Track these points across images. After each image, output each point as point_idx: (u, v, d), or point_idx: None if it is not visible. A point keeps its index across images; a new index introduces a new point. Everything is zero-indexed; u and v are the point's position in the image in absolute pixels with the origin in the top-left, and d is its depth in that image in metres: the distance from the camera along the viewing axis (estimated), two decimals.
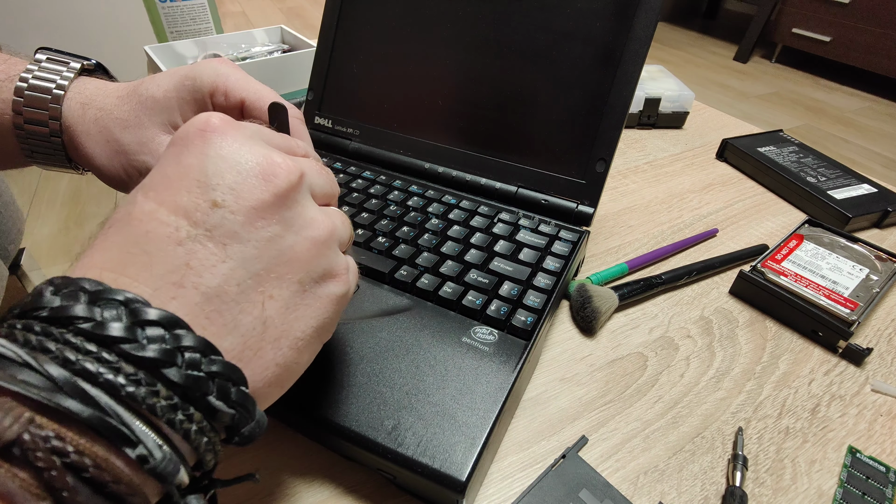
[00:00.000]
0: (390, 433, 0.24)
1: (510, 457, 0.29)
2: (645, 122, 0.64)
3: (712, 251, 0.45)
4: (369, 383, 0.26)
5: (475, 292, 0.32)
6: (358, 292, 0.31)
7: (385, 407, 0.25)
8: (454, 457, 0.24)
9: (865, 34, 2.14)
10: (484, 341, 0.29)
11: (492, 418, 0.25)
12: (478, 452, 0.24)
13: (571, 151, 0.38)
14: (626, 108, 0.37)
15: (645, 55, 0.36)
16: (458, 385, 0.27)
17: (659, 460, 0.29)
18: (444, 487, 0.23)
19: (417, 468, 0.23)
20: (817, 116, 2.10)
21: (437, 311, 0.31)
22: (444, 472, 0.23)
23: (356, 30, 0.45)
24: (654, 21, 0.35)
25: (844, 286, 0.38)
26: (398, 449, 0.24)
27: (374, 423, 0.25)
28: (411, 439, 0.24)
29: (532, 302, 0.32)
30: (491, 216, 0.39)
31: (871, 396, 0.33)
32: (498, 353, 0.29)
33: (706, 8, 3.31)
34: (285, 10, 1.12)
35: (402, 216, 0.38)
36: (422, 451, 0.24)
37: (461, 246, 0.36)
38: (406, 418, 0.25)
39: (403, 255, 0.35)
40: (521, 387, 0.30)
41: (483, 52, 0.41)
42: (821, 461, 0.30)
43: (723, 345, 0.36)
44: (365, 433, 0.24)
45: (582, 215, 0.38)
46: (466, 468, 0.23)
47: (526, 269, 0.34)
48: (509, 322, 0.30)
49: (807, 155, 0.56)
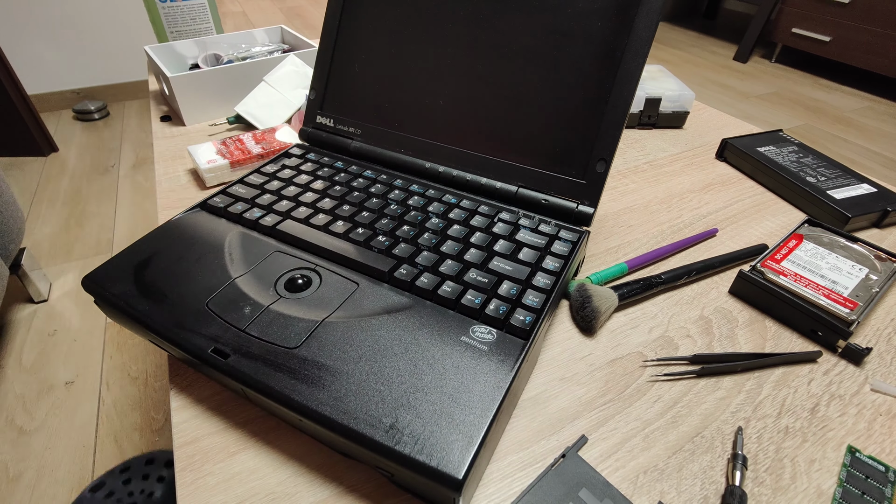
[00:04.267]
0: (388, 431, 0.24)
1: (510, 456, 0.29)
2: (645, 122, 0.64)
3: (712, 251, 0.45)
4: (368, 381, 0.27)
5: (474, 291, 0.32)
6: (358, 290, 0.31)
7: (383, 405, 0.26)
8: (451, 455, 0.24)
9: (865, 34, 2.14)
10: (482, 340, 0.29)
11: (489, 417, 0.25)
12: (475, 451, 0.24)
13: (572, 151, 0.38)
14: (626, 108, 0.37)
15: (646, 55, 0.36)
16: (456, 384, 0.27)
17: (658, 459, 0.29)
18: (440, 485, 0.23)
19: (414, 466, 0.23)
20: (817, 116, 2.10)
21: (436, 311, 0.31)
22: (441, 470, 0.23)
23: (358, 30, 0.45)
24: (655, 21, 0.35)
25: (844, 286, 0.38)
26: (396, 447, 0.24)
27: (372, 421, 0.25)
28: (409, 437, 0.24)
29: (531, 301, 0.32)
30: (491, 216, 0.39)
31: (871, 396, 0.33)
32: (496, 352, 0.29)
33: (706, 8, 3.31)
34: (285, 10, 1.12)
35: (403, 215, 0.38)
36: (419, 449, 0.24)
37: (461, 245, 0.36)
38: (404, 416, 0.25)
39: (403, 253, 0.35)
40: (520, 386, 0.30)
41: (484, 52, 0.41)
42: (820, 460, 0.30)
43: (722, 344, 0.36)
44: (363, 431, 0.24)
45: (582, 215, 0.38)
46: (463, 466, 0.23)
47: (525, 269, 0.34)
48: (508, 321, 0.30)
49: (806, 155, 0.56)
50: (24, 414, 0.96)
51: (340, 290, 0.32)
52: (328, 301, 0.31)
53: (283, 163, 0.45)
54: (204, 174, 0.49)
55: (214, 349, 0.28)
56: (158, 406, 0.99)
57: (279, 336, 0.29)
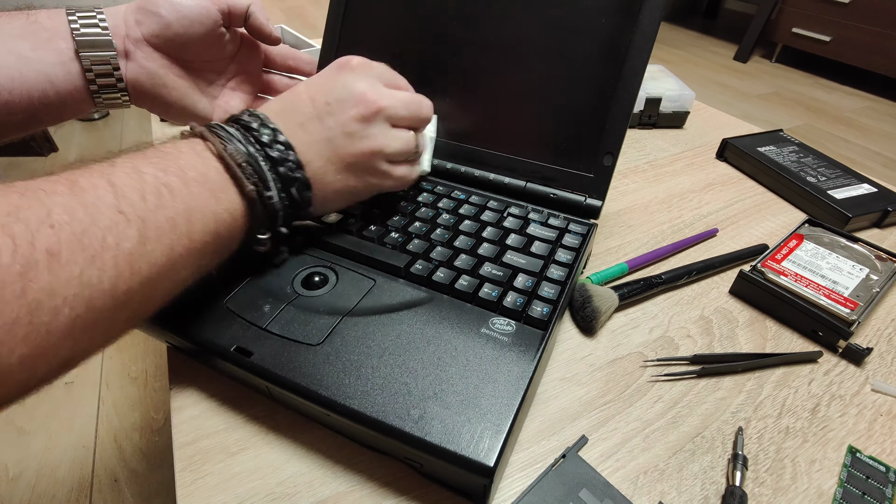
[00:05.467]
0: (417, 422, 0.25)
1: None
2: (645, 121, 0.64)
3: (712, 251, 0.45)
4: (393, 374, 0.27)
5: (490, 284, 0.32)
6: (375, 286, 0.32)
7: (410, 397, 0.26)
8: (481, 443, 0.24)
9: (865, 34, 2.14)
10: (503, 332, 0.30)
11: (515, 405, 0.26)
12: (503, 439, 0.24)
13: (579, 145, 0.39)
14: (631, 103, 0.37)
15: (650, 50, 0.37)
16: (480, 374, 0.27)
17: (659, 460, 0.29)
18: (472, 473, 0.24)
19: (446, 455, 0.24)
20: (817, 116, 2.10)
21: (454, 304, 0.31)
22: (473, 459, 0.24)
23: (362, 27, 0.45)
24: (659, 16, 0.36)
25: (844, 286, 0.38)
26: (426, 437, 0.24)
27: (400, 413, 0.25)
28: (438, 427, 0.25)
29: (547, 293, 0.32)
30: (500, 211, 0.39)
31: (871, 396, 0.33)
32: (517, 342, 0.29)
33: (706, 7, 3.31)
34: (286, 10, 1.12)
35: (413, 212, 0.39)
36: (450, 439, 0.24)
37: (473, 240, 0.36)
38: (432, 407, 0.25)
39: (417, 249, 0.35)
40: (539, 375, 0.31)
41: (490, 48, 0.41)
42: (821, 461, 0.30)
43: (723, 345, 0.36)
44: (392, 423, 0.25)
45: (590, 208, 0.39)
46: (493, 454, 0.24)
47: (539, 262, 0.35)
48: (526, 313, 0.31)
49: (807, 155, 0.56)
50: (24, 414, 0.96)
51: (358, 286, 0.32)
52: (346, 297, 0.31)
53: None
54: None
55: (237, 348, 0.28)
56: (158, 406, 0.99)
57: (301, 333, 0.29)
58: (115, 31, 0.37)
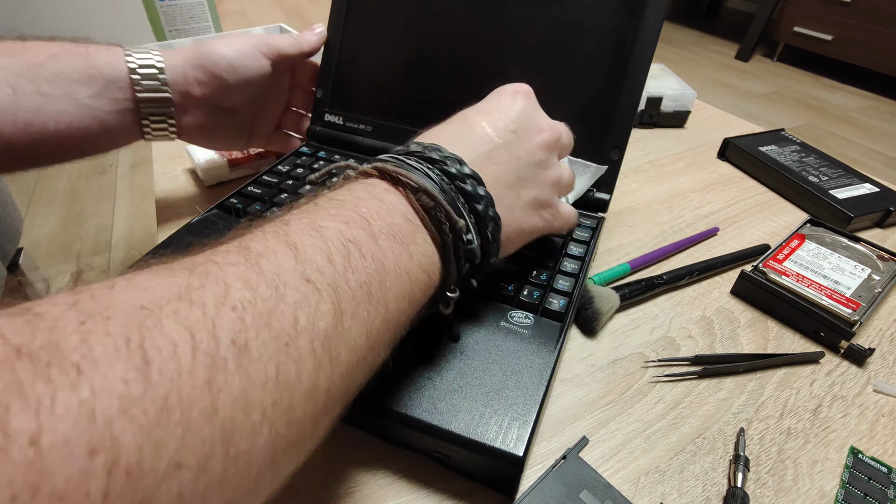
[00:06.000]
0: (445, 416, 0.25)
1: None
2: (647, 121, 0.64)
3: (714, 251, 0.45)
4: (418, 369, 0.27)
5: (506, 278, 0.33)
6: None
7: (436, 391, 0.26)
8: (510, 434, 0.25)
9: (867, 33, 2.14)
10: (522, 325, 0.30)
11: (540, 396, 0.26)
12: (530, 429, 0.25)
13: (587, 140, 0.39)
14: (638, 98, 0.38)
15: (654, 45, 0.37)
16: (503, 367, 0.28)
17: (660, 461, 0.29)
18: (502, 463, 0.24)
19: (475, 447, 0.24)
20: (819, 115, 2.10)
21: (471, 299, 0.32)
22: (502, 449, 0.24)
23: (364, 25, 0.45)
24: (663, 12, 0.37)
25: (846, 286, 0.37)
26: (454, 430, 0.25)
27: (427, 407, 0.26)
28: (465, 420, 0.25)
29: (561, 286, 0.33)
30: None
31: (873, 397, 0.33)
32: (537, 335, 0.30)
33: (707, 6, 3.30)
34: (285, 9, 1.11)
35: None
36: (478, 431, 0.25)
37: None
38: (459, 401, 0.26)
39: None
40: (559, 367, 0.32)
41: (496, 45, 0.41)
42: (822, 462, 0.29)
43: (724, 345, 0.36)
44: (420, 416, 0.25)
45: (599, 202, 0.40)
46: (522, 444, 0.24)
47: (551, 255, 0.35)
48: (543, 305, 0.31)
49: (808, 154, 0.56)
50: None
51: None
52: None
53: (294, 161, 0.45)
54: (202, 173, 0.49)
55: None
56: None
57: None
58: (174, 85, 0.37)
